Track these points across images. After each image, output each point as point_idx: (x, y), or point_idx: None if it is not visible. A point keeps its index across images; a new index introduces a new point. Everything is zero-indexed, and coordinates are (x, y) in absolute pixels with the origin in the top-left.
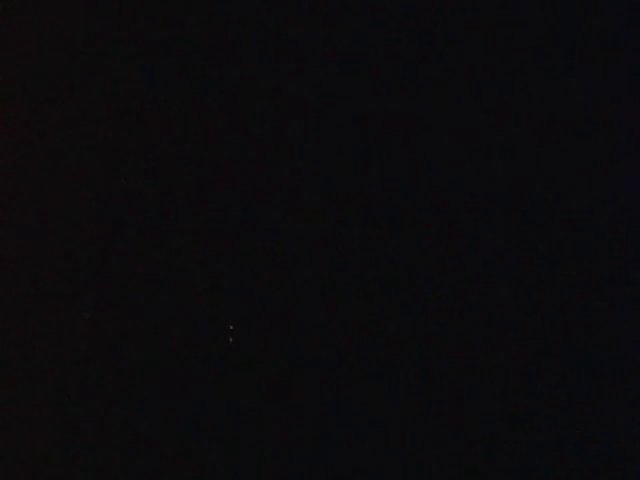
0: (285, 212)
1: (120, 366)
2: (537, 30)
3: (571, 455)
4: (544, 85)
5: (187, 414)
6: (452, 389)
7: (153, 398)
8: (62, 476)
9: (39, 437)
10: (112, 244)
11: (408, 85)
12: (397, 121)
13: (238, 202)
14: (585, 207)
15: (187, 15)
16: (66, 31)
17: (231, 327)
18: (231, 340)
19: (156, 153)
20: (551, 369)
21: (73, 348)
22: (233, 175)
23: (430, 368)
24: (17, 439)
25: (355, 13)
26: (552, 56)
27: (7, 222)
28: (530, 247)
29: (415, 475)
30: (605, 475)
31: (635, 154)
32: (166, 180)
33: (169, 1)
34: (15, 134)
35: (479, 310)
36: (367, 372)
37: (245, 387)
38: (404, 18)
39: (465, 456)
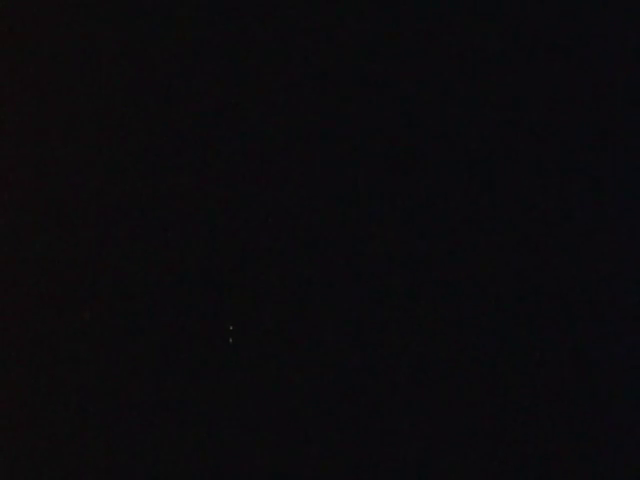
0: (285, 212)
1: (120, 366)
2: (537, 30)
3: (572, 456)
4: (543, 90)
5: (187, 414)
6: (452, 390)
7: (153, 398)
8: (62, 476)
9: (39, 437)
10: (112, 244)
11: (407, 85)
12: (396, 122)
13: (238, 202)
14: (585, 207)
15: (187, 15)
16: (65, 30)
17: (231, 327)
18: (231, 340)
19: (156, 152)
20: (550, 371)
21: (73, 348)
22: (233, 174)
23: (433, 375)
24: (17, 439)
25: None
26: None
27: (7, 222)
28: (529, 248)
29: (414, 475)
30: (605, 475)
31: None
32: (166, 180)
33: (169, 2)
34: (16, 133)
35: (478, 310)
36: (368, 373)
37: (245, 388)
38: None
39: (465, 456)
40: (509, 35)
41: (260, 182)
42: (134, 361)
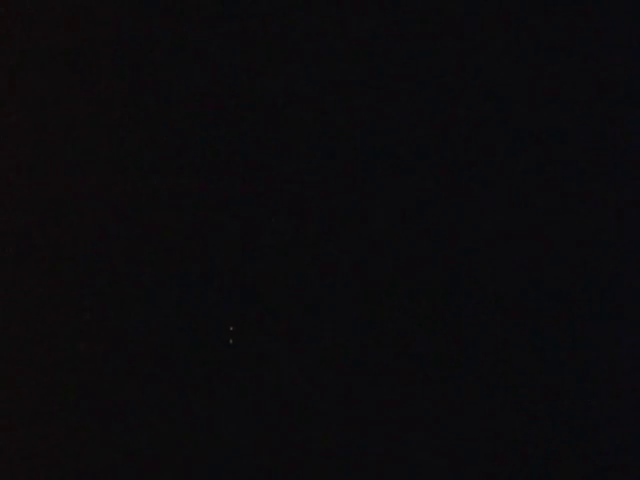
0: (286, 213)
1: (120, 367)
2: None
3: (572, 457)
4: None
5: (187, 415)
6: (452, 390)
7: (152, 399)
8: (62, 476)
9: (38, 437)
10: (112, 244)
11: (407, 86)
12: (396, 123)
13: (239, 202)
14: (585, 207)
15: (187, 15)
16: (65, 30)
17: (231, 328)
18: (231, 341)
19: (157, 152)
20: (549, 372)
21: (73, 348)
22: (234, 175)
23: (433, 375)
24: (17, 439)
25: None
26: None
27: (7, 221)
28: (529, 248)
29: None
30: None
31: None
32: (166, 180)
33: (170, 2)
34: (16, 133)
35: (477, 311)
36: (368, 372)
37: (245, 388)
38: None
39: (464, 456)
40: (510, 35)
41: (264, 182)
42: (134, 361)
